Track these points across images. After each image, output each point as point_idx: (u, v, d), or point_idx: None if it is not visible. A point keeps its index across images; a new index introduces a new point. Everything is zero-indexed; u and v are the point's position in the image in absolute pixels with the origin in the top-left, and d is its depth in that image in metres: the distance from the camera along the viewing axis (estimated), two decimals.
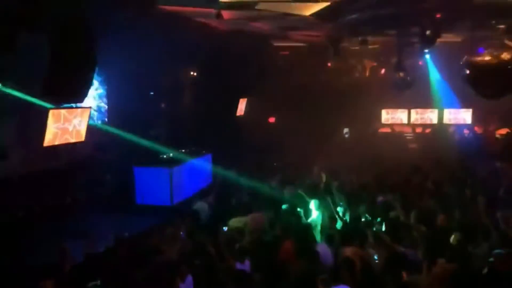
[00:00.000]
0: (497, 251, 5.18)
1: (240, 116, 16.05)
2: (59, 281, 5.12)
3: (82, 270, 5.91)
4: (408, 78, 13.32)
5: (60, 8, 7.11)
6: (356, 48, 13.97)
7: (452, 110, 17.37)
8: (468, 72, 6.69)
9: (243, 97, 16.05)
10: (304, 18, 9.59)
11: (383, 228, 6.84)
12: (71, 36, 7.36)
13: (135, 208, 9.81)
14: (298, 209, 7.90)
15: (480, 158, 12.61)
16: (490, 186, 9.13)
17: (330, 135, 17.38)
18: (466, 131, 17.04)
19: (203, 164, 12.12)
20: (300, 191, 9.27)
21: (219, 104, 13.78)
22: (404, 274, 4.98)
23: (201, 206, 8.42)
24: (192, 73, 14.25)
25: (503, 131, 16.04)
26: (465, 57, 7.58)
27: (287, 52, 16.40)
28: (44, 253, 6.98)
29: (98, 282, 5.20)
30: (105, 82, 12.20)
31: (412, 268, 5.21)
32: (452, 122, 17.51)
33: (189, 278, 5.23)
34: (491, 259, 5.10)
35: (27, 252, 6.94)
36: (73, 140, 9.59)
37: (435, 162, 11.89)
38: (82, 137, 9.85)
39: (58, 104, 8.91)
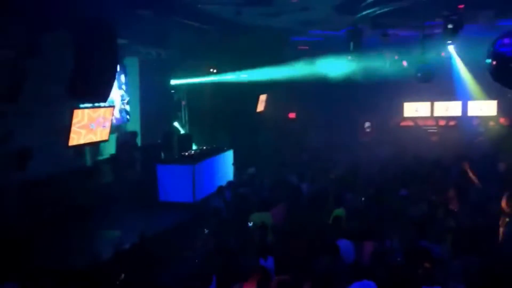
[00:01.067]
0: None
1: (260, 112, 16.07)
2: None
3: (110, 267, 6.04)
4: (431, 70, 13.08)
5: (82, 9, 7.24)
6: (377, 40, 13.78)
7: (477, 102, 16.98)
8: (493, 62, 6.52)
9: (263, 93, 16.06)
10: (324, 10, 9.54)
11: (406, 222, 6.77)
12: (94, 36, 7.51)
13: (158, 206, 9.94)
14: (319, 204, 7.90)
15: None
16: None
17: (352, 129, 17.24)
18: (491, 123, 16.64)
19: (225, 160, 12.18)
20: (322, 185, 9.30)
21: (239, 100, 13.83)
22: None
23: (220, 203, 8.49)
24: (212, 69, 14.35)
25: None
26: (491, 47, 7.41)
27: (306, 47, 16.31)
28: (72, 252, 7.18)
29: (122, 276, 5.32)
30: (127, 81, 12.39)
31: (437, 263, 5.14)
32: (477, 114, 17.12)
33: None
34: None
35: (55, 252, 7.10)
36: (97, 140, 9.78)
37: (458, 156, 11.66)
38: (106, 136, 10.03)
39: (82, 104, 9.11)
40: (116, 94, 11.64)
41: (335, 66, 17.32)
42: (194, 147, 12.84)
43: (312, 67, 16.08)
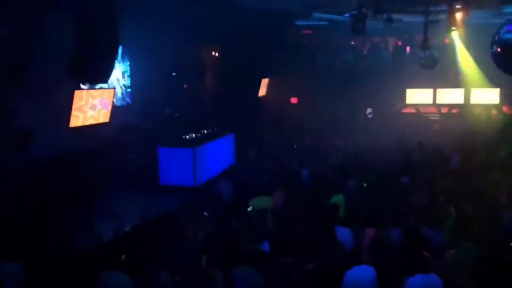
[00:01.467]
0: None
1: (262, 96, 16.02)
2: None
3: (110, 249, 6.08)
4: (434, 56, 12.99)
5: None
6: (381, 26, 13.66)
7: (480, 90, 16.88)
8: (498, 49, 6.46)
9: (265, 77, 15.99)
10: None
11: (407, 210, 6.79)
12: (95, 16, 7.42)
13: (159, 189, 9.97)
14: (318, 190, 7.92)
15: None
16: None
17: (354, 115, 17.20)
18: (494, 112, 16.58)
19: (226, 144, 12.18)
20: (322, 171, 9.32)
21: (241, 84, 13.76)
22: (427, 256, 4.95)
23: (224, 186, 8.50)
24: (214, 53, 14.24)
25: None
26: (495, 34, 7.33)
27: (309, 31, 16.18)
28: (72, 233, 7.22)
29: (123, 257, 5.35)
30: (128, 64, 12.31)
31: (436, 251, 5.18)
32: (479, 102, 17.04)
33: None
34: None
35: (57, 233, 7.14)
36: (98, 122, 9.76)
37: (460, 144, 11.66)
38: (107, 118, 10.01)
39: (83, 85, 9.06)
40: (118, 76, 11.59)
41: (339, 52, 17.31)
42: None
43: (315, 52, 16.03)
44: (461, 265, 4.92)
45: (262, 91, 16.04)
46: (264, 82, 16.10)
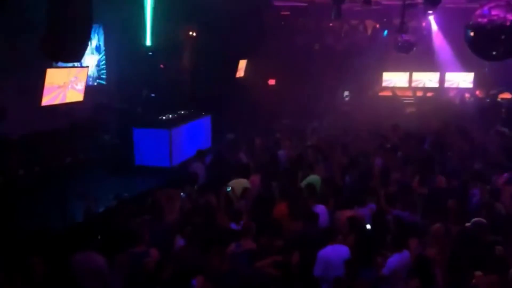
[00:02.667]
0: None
1: (239, 77, 15.91)
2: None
3: (82, 230, 6.02)
4: (411, 40, 13.10)
5: None
6: (358, 8, 13.69)
7: (454, 74, 17.19)
8: (472, 33, 6.54)
9: (243, 58, 15.86)
10: None
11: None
12: None
13: (134, 170, 9.87)
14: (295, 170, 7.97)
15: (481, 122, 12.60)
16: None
17: (331, 97, 17.29)
18: (467, 95, 16.93)
19: (203, 125, 12.10)
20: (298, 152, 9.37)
21: (219, 65, 13.63)
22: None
23: (198, 167, 8.46)
24: (191, 33, 14.00)
25: (506, 95, 15.93)
26: (470, 18, 7.42)
27: (288, 12, 16.08)
28: (45, 214, 7.10)
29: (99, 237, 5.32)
30: (103, 41, 12.02)
31: (410, 230, 5.31)
32: (454, 86, 17.37)
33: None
34: None
35: (28, 213, 7.02)
36: (71, 101, 9.55)
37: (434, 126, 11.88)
38: (80, 98, 9.80)
39: (55, 63, 8.82)
40: (92, 54, 11.32)
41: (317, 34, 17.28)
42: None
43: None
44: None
45: (240, 73, 15.93)
46: (242, 63, 15.98)
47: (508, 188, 6.66)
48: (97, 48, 11.71)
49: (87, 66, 10.48)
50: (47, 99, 8.69)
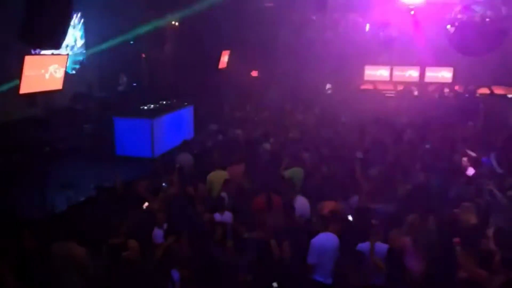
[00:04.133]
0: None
1: (222, 68, 15.84)
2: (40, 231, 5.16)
3: (64, 220, 5.96)
4: (392, 34, 13.24)
5: None
6: (342, 1, 13.75)
7: (434, 69, 17.45)
8: (452, 29, 6.66)
9: (226, 49, 15.79)
10: None
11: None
12: None
13: (115, 160, 9.77)
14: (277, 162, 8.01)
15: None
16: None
17: (314, 90, 17.36)
18: (446, 90, 17.20)
19: (185, 116, 12.03)
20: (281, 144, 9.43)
21: (201, 55, 13.54)
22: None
23: (185, 157, 8.43)
24: (174, 22, 13.87)
25: (484, 90, 16.24)
26: (450, 14, 7.53)
27: (271, 4, 16.04)
28: (24, 203, 6.99)
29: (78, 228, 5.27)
30: (83, 28, 11.82)
31: (386, 220, 5.40)
32: (433, 80, 17.64)
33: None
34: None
35: (6, 202, 6.90)
36: (50, 89, 9.37)
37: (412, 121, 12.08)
38: (59, 86, 9.62)
39: (34, 50, 8.65)
40: (72, 42, 11.12)
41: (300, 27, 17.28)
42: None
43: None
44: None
45: (222, 64, 15.86)
46: (225, 54, 15.90)
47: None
48: (78, 35, 11.51)
49: (67, 54, 10.31)
50: (26, 87, 8.51)
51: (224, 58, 15.91)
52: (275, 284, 4.47)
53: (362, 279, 4.65)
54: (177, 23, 13.74)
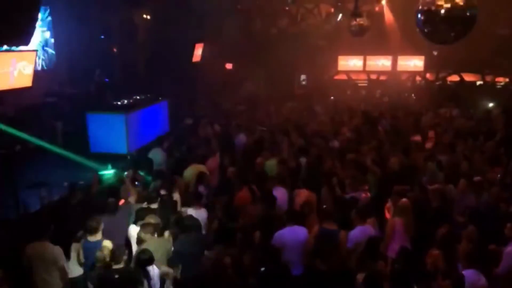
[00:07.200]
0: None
1: (196, 62, 15.71)
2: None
3: (38, 219, 5.84)
4: (365, 24, 13.34)
5: None
6: None
7: (406, 57, 17.72)
8: (421, 17, 6.74)
9: (199, 42, 15.66)
10: None
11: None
12: None
13: (89, 157, 9.58)
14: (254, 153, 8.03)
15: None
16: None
17: (288, 81, 17.42)
18: (418, 78, 17.51)
19: (160, 111, 11.89)
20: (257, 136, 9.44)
21: (175, 49, 13.38)
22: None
23: (157, 152, 8.33)
24: (145, 16, 13.65)
25: (455, 77, 16.60)
26: (420, 2, 7.63)
27: None
28: None
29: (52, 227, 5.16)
30: (51, 24, 11.52)
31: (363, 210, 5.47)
32: (405, 69, 17.92)
33: None
34: None
35: None
36: (19, 86, 9.14)
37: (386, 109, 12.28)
38: (29, 83, 9.40)
39: (1, 47, 8.39)
40: (40, 37, 10.84)
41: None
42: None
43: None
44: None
45: (196, 57, 15.72)
46: (199, 47, 15.76)
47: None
48: (46, 29, 11.22)
49: (36, 50, 10.05)
50: None
51: (198, 51, 15.77)
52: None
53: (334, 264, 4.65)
54: (148, 16, 13.53)
